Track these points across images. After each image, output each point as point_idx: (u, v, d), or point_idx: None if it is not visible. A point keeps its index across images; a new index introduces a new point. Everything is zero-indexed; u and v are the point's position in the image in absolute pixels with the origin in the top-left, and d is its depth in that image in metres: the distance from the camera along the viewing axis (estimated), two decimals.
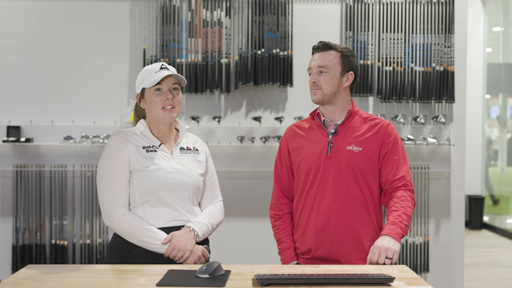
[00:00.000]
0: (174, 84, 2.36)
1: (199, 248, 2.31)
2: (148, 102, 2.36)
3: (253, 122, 4.61)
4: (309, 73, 2.53)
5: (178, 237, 2.26)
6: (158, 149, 2.36)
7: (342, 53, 2.50)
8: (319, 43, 2.53)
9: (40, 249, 4.56)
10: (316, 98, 2.48)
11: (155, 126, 2.39)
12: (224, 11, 4.57)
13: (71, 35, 4.65)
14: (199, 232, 2.31)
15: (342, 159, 2.44)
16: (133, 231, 2.26)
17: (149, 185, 2.29)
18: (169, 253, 2.24)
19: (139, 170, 2.30)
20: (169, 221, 2.31)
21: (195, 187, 2.39)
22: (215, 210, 2.47)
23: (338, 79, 2.49)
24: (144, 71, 2.39)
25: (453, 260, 4.74)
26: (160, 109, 2.33)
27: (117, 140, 2.34)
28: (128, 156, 2.31)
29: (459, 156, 4.71)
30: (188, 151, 2.43)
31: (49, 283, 1.93)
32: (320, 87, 2.47)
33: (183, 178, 2.34)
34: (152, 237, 2.25)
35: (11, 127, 4.55)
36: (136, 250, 2.27)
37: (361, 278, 1.95)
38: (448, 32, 4.63)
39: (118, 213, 2.28)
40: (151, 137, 2.38)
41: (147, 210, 2.31)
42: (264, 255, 4.45)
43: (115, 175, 2.31)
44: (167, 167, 2.32)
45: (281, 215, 2.60)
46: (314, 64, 2.49)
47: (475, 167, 8.77)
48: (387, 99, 4.62)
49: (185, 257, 2.25)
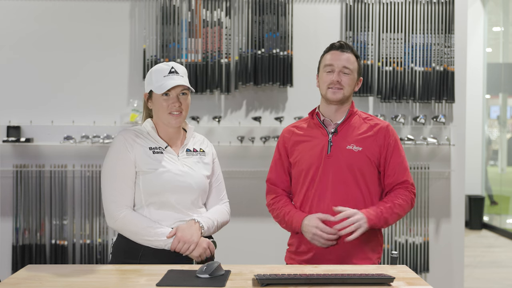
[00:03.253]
0: (182, 90, 2.34)
1: (205, 240, 2.30)
2: (155, 105, 2.35)
3: (253, 122, 4.61)
4: (328, 70, 2.47)
5: (183, 229, 2.26)
6: (164, 151, 2.34)
7: (357, 58, 2.51)
8: (340, 42, 2.50)
9: (40, 249, 4.56)
10: (337, 97, 2.45)
11: (162, 127, 2.38)
12: (224, 11, 4.57)
13: (71, 35, 4.65)
14: (204, 224, 2.30)
15: (342, 158, 2.44)
16: (137, 230, 2.25)
17: (155, 188, 2.28)
18: (175, 246, 2.23)
19: (145, 172, 2.29)
20: (174, 223, 2.31)
21: (201, 189, 2.38)
22: (221, 209, 2.47)
23: (355, 82, 2.51)
24: (153, 72, 2.35)
25: (453, 260, 4.74)
26: (167, 114, 2.32)
27: (124, 140, 2.32)
28: (134, 157, 2.30)
29: (459, 156, 4.71)
30: (195, 153, 2.41)
31: (49, 283, 1.93)
32: (343, 87, 2.45)
33: (189, 180, 2.33)
34: (157, 234, 2.24)
35: (11, 127, 4.55)
36: (142, 250, 2.26)
37: (361, 278, 1.95)
38: (448, 32, 4.63)
39: (121, 215, 2.27)
40: (157, 139, 2.36)
41: (152, 212, 2.30)
42: (264, 255, 4.45)
43: (119, 176, 2.29)
44: (174, 170, 2.31)
45: (279, 194, 2.58)
46: (339, 63, 2.45)
47: (475, 167, 8.77)
48: (387, 99, 4.62)
49: (191, 249, 2.24)
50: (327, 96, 2.47)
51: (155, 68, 2.37)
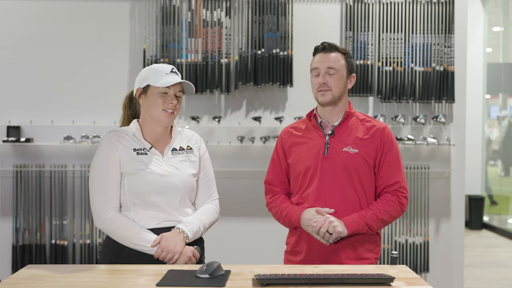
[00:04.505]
0: (179, 92, 2.35)
1: (189, 249, 2.30)
2: (149, 100, 2.34)
3: (253, 122, 4.61)
4: (315, 74, 2.50)
5: (168, 238, 2.26)
6: (149, 152, 2.34)
7: (345, 55, 2.51)
8: (323, 44, 2.51)
9: (40, 249, 4.56)
10: (326, 99, 2.47)
11: (149, 126, 2.37)
12: (224, 11, 4.57)
13: (71, 35, 4.65)
14: (189, 233, 2.30)
15: (339, 160, 2.45)
16: (123, 234, 2.27)
17: (140, 188, 2.29)
18: (159, 255, 2.24)
19: (129, 173, 2.30)
20: (160, 222, 2.31)
21: (187, 188, 2.38)
22: (208, 210, 2.45)
23: (345, 80, 2.50)
24: (153, 69, 2.35)
25: (453, 260, 4.74)
26: (161, 110, 2.31)
27: (109, 141, 2.32)
28: (119, 158, 2.30)
29: (459, 156, 4.71)
30: (181, 151, 2.41)
31: (49, 283, 1.93)
32: (330, 88, 2.46)
33: (174, 180, 2.33)
34: (142, 239, 2.25)
35: (11, 127, 4.55)
36: (128, 250, 2.28)
37: (361, 278, 1.95)
38: (448, 32, 4.63)
39: (108, 216, 2.28)
40: (141, 140, 2.36)
41: (138, 212, 2.31)
42: (264, 255, 4.45)
43: (105, 177, 2.30)
44: (158, 170, 2.31)
45: (277, 193, 2.59)
46: (322, 65, 2.47)
47: (475, 167, 8.77)
48: (387, 99, 4.62)
49: (175, 258, 2.25)
50: (318, 99, 2.50)
51: (154, 66, 2.37)
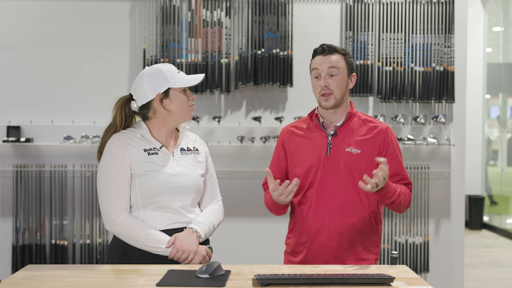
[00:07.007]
0: None
1: (203, 248, 2.30)
2: (176, 101, 2.33)
3: (253, 122, 4.61)
4: (315, 75, 2.48)
5: (182, 239, 2.26)
6: (159, 151, 2.34)
7: (345, 55, 2.50)
8: (322, 46, 2.49)
9: (40, 249, 4.56)
10: (329, 104, 2.46)
11: (157, 128, 2.37)
12: (224, 11, 4.57)
13: (71, 35, 4.65)
14: (201, 233, 2.31)
15: (341, 160, 2.44)
16: (136, 236, 2.25)
17: (152, 189, 2.28)
18: (174, 255, 2.24)
19: (140, 174, 2.29)
20: (171, 224, 2.31)
21: (197, 189, 2.38)
22: (216, 210, 2.47)
23: (346, 81, 2.49)
24: (165, 72, 2.33)
25: (453, 260, 4.74)
26: (187, 108, 2.35)
27: (118, 144, 2.31)
28: (129, 159, 2.29)
29: (459, 156, 4.71)
30: (189, 151, 2.42)
31: (49, 283, 1.93)
32: (332, 91, 2.45)
33: (185, 181, 2.33)
34: (156, 241, 2.24)
35: (11, 127, 4.55)
36: (139, 252, 2.26)
37: (361, 278, 1.95)
38: (448, 32, 4.63)
39: (120, 218, 2.26)
40: (151, 139, 2.35)
41: (148, 213, 2.30)
42: (264, 255, 4.45)
43: (115, 180, 2.28)
44: (169, 170, 2.31)
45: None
46: (323, 67, 2.46)
47: (475, 167, 8.77)
48: (387, 99, 4.62)
49: (190, 258, 2.24)
50: (321, 104, 2.49)
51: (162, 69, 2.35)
